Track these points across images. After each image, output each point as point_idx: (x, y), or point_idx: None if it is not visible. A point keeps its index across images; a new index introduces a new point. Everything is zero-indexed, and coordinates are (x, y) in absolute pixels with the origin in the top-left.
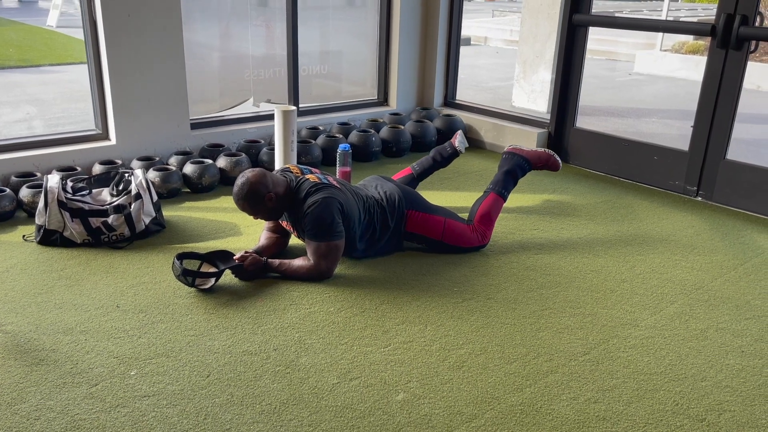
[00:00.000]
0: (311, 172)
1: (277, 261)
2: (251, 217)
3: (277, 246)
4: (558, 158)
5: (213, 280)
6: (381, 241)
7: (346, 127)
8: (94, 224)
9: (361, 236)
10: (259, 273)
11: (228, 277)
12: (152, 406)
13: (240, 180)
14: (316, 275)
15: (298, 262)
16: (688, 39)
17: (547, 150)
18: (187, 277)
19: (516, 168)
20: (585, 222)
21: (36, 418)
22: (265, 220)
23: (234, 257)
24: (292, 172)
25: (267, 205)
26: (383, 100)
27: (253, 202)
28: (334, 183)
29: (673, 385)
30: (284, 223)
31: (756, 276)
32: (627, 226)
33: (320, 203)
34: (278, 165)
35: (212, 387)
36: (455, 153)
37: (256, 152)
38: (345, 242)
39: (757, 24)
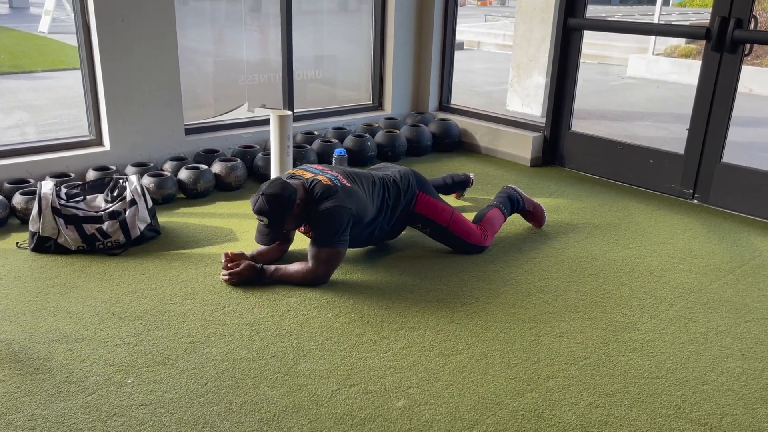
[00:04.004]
0: (321, 172)
1: (272, 267)
2: (270, 236)
3: (277, 252)
4: (546, 217)
5: None
6: (392, 221)
7: (341, 132)
8: (88, 231)
9: (372, 220)
10: (254, 280)
11: (224, 285)
12: (149, 414)
13: (267, 192)
14: (312, 279)
15: (294, 266)
16: (680, 43)
17: (541, 204)
18: None
19: (514, 197)
20: (581, 226)
21: (31, 429)
22: (289, 230)
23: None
24: (302, 175)
25: (295, 212)
26: (378, 104)
27: (282, 211)
28: (345, 181)
29: (675, 389)
30: (301, 228)
31: (754, 278)
32: (624, 229)
33: (331, 211)
34: (274, 170)
35: (210, 395)
36: (467, 181)
37: (251, 157)
38: (355, 232)
39: (751, 27)
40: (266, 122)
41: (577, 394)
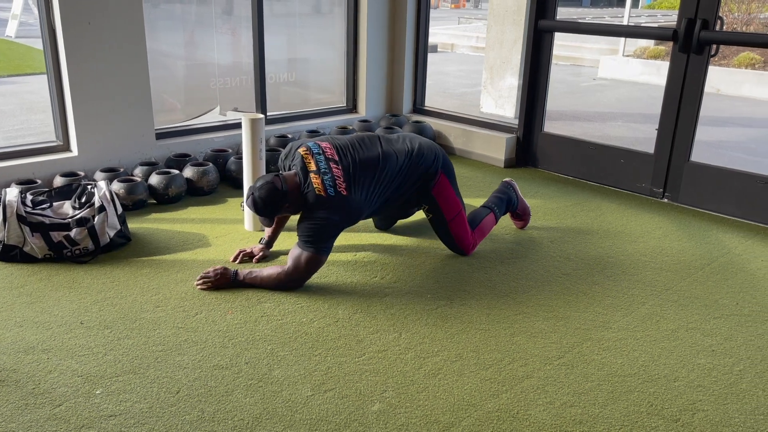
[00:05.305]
0: (323, 170)
1: (246, 270)
2: (266, 221)
3: (285, 220)
4: (529, 221)
5: None
6: (404, 195)
7: (315, 135)
8: (55, 238)
9: (378, 207)
10: (229, 286)
11: (198, 289)
12: (119, 425)
13: (257, 195)
14: (287, 281)
15: (268, 270)
16: (649, 44)
17: (529, 207)
18: None
19: (512, 201)
20: (555, 226)
21: None
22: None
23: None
24: (305, 165)
25: (288, 209)
26: (352, 107)
27: (270, 210)
28: (342, 188)
29: (647, 386)
30: None
31: (723, 275)
32: (596, 228)
33: (318, 222)
34: (246, 174)
35: (182, 404)
36: None
37: (223, 162)
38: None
39: (717, 28)
40: (239, 126)
41: (552, 393)
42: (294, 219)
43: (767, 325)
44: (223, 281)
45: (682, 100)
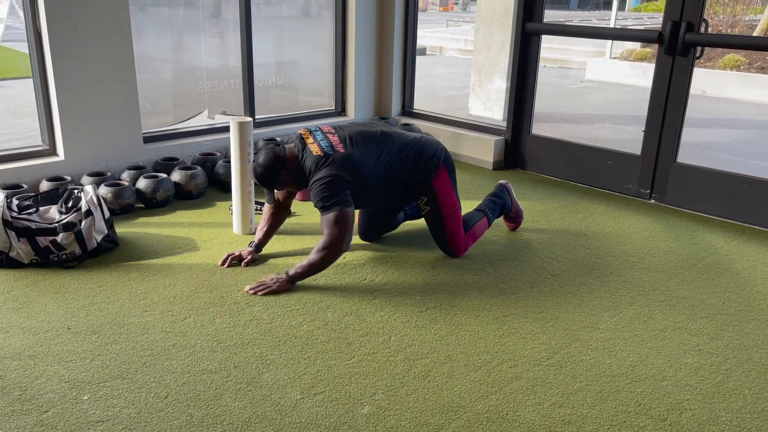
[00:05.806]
0: (320, 140)
1: (297, 268)
2: (268, 195)
3: (275, 224)
4: (521, 224)
5: None
6: (403, 179)
7: None
8: (42, 243)
9: (381, 180)
10: (288, 287)
11: (186, 293)
12: (107, 431)
13: (256, 161)
14: (330, 249)
15: (312, 252)
16: (636, 47)
17: (522, 210)
18: None
19: (507, 206)
20: (543, 227)
21: None
22: (286, 197)
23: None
24: (303, 139)
25: (286, 180)
26: (341, 110)
27: (268, 178)
28: (339, 147)
29: (635, 386)
30: (299, 196)
31: (709, 275)
32: (584, 230)
33: (322, 180)
34: (235, 178)
35: (170, 408)
36: None
37: (211, 165)
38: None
39: (702, 30)
40: (227, 129)
41: (541, 394)
42: (288, 223)
43: (753, 324)
44: (283, 285)
45: (669, 102)
